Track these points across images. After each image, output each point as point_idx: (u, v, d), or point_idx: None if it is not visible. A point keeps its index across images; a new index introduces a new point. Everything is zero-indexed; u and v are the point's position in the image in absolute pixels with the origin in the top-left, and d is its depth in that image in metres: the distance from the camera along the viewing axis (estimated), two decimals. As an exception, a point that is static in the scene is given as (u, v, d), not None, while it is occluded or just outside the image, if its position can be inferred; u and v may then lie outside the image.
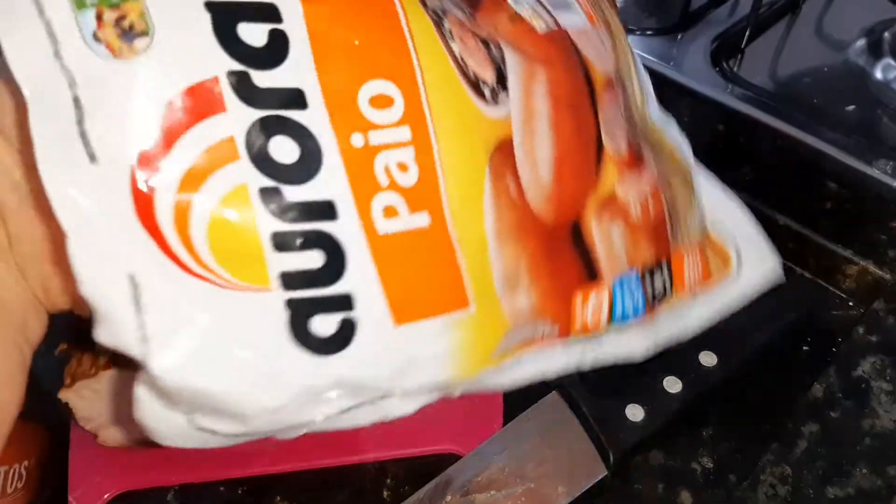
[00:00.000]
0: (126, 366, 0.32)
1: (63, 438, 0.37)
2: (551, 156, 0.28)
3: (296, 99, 0.24)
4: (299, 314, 0.24)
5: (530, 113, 0.28)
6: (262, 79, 0.23)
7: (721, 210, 0.35)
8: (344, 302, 0.25)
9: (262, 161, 0.23)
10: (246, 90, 0.23)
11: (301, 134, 0.24)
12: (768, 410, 0.38)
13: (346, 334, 0.25)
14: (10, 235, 0.23)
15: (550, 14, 0.30)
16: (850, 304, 0.43)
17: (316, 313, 0.24)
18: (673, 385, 0.37)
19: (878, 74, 0.57)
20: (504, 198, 0.27)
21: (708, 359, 0.38)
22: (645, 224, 0.31)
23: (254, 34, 0.24)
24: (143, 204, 0.22)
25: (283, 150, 0.24)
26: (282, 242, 0.24)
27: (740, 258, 0.34)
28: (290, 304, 0.24)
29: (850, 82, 0.57)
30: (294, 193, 0.24)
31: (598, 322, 0.30)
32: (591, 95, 0.30)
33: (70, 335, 0.34)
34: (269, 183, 0.23)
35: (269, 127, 0.23)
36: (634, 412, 0.36)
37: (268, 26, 0.24)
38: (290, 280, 0.24)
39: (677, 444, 0.37)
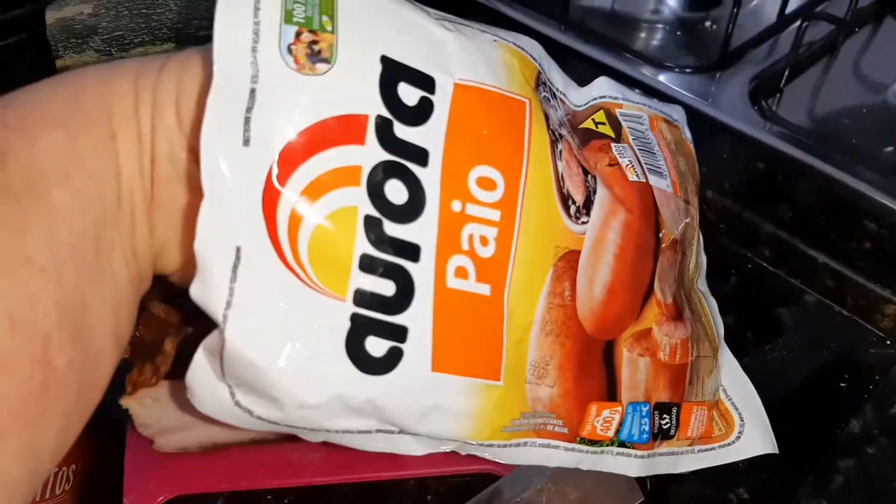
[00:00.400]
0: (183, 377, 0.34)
1: (108, 449, 0.39)
2: (607, 279, 0.32)
3: (421, 156, 0.28)
4: (359, 330, 0.27)
5: (602, 239, 0.32)
6: (402, 131, 0.27)
7: (737, 386, 0.39)
8: (400, 332, 0.28)
9: (376, 194, 0.27)
10: (385, 134, 0.27)
11: (414, 185, 0.28)
12: (805, 444, 0.39)
13: (391, 361, 0.28)
14: (154, 199, 0.26)
15: (644, 171, 0.35)
16: (888, 342, 0.44)
17: (373, 334, 0.27)
18: (708, 414, 0.38)
19: (917, 116, 0.58)
20: (558, 297, 0.31)
21: None
22: (668, 367, 0.35)
23: (409, 94, 0.27)
24: (271, 193, 0.25)
25: (396, 191, 0.27)
26: (367, 264, 0.27)
27: (742, 430, 0.37)
28: (355, 318, 0.27)
29: (887, 123, 0.58)
30: (392, 229, 0.27)
31: (605, 435, 0.34)
32: (656, 246, 0.35)
33: (133, 344, 0.36)
34: (375, 213, 0.27)
35: (392, 170, 0.27)
36: (671, 440, 0.37)
37: (422, 93, 0.28)
38: (363, 298, 0.27)
39: (714, 473, 0.38)
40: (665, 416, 0.35)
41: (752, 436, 0.37)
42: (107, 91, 0.25)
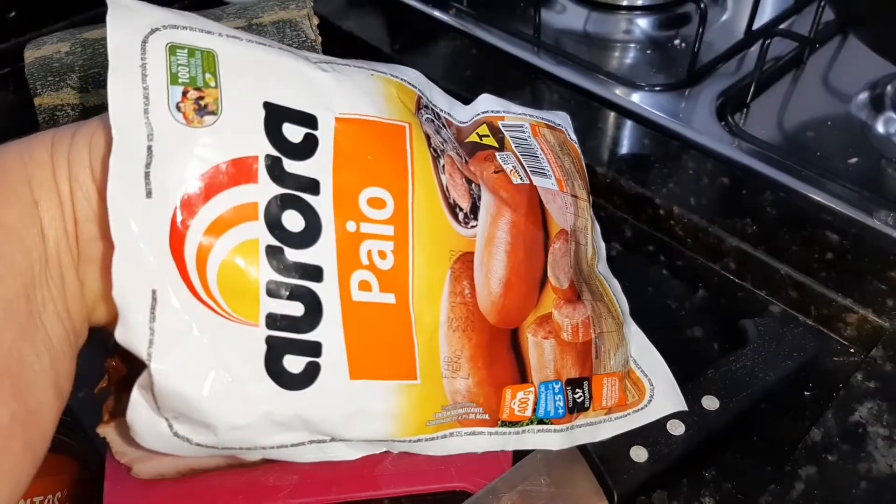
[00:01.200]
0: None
1: (93, 472, 0.39)
2: (502, 274, 0.36)
3: (312, 186, 0.30)
4: (275, 350, 0.30)
5: (492, 238, 0.36)
6: (291, 166, 0.30)
7: (646, 356, 0.43)
8: (314, 348, 0.30)
9: (275, 225, 0.29)
10: (276, 171, 0.30)
11: (309, 212, 0.30)
12: (768, 453, 0.40)
13: (310, 376, 0.30)
14: (80, 256, 0.28)
15: (527, 174, 0.39)
16: (851, 350, 0.45)
17: (289, 353, 0.30)
18: (676, 428, 0.39)
19: (880, 128, 0.60)
20: (459, 296, 0.34)
21: (710, 403, 0.40)
22: (573, 345, 0.38)
23: (293, 133, 0.30)
24: (176, 237, 0.28)
25: (293, 220, 0.30)
26: (274, 290, 0.29)
27: (653, 394, 0.40)
28: (270, 340, 0.29)
29: (852, 136, 0.59)
30: (293, 255, 0.30)
31: (523, 415, 0.37)
32: (545, 238, 0.38)
33: (109, 373, 0.37)
34: (275, 242, 0.29)
35: (286, 202, 0.30)
36: (639, 453, 0.38)
37: (305, 130, 0.31)
38: (274, 321, 0.29)
39: (680, 484, 0.38)
40: (577, 390, 0.38)
41: (662, 398, 0.40)
42: (26, 162, 0.28)
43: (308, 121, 0.31)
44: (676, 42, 0.70)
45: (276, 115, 0.30)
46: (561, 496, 0.37)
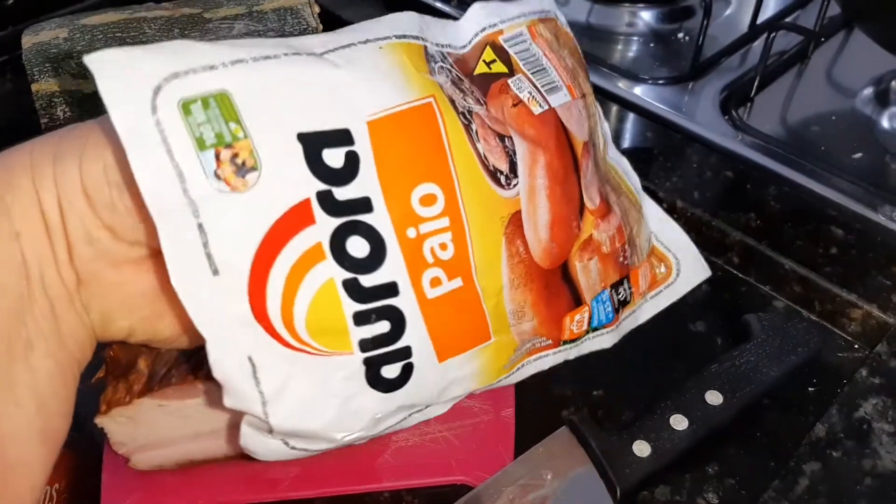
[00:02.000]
0: (158, 394, 0.35)
1: (90, 464, 0.39)
2: (548, 220, 0.36)
3: (365, 205, 0.30)
4: (373, 367, 0.31)
5: (533, 190, 0.36)
6: (341, 193, 0.30)
7: (662, 227, 0.45)
8: (405, 352, 0.32)
9: (343, 258, 0.30)
10: (330, 204, 0.29)
11: (370, 232, 0.30)
12: (772, 448, 0.39)
13: (405, 375, 0.32)
14: (80, 280, 0.27)
15: (543, 97, 0.38)
16: (856, 346, 0.45)
17: (385, 364, 0.32)
18: (680, 423, 0.38)
19: (885, 123, 0.59)
20: (515, 258, 0.35)
21: (714, 398, 0.39)
22: (612, 254, 0.40)
23: (334, 157, 0.30)
24: (257, 302, 0.28)
25: (357, 247, 0.30)
26: (361, 319, 0.30)
27: (679, 266, 0.43)
28: (367, 361, 0.31)
29: (857, 130, 0.59)
30: (367, 280, 0.30)
31: (581, 332, 0.40)
32: (575, 164, 0.38)
33: (107, 363, 0.36)
34: (348, 275, 0.30)
35: (346, 230, 0.30)
36: (641, 448, 0.38)
37: (344, 149, 0.30)
38: (367, 344, 0.31)
39: (683, 479, 0.38)
40: (620, 290, 0.41)
41: (688, 270, 0.42)
42: (3, 193, 0.25)
43: (343, 138, 0.30)
44: (680, 35, 0.70)
45: (313, 146, 0.29)
46: (563, 490, 0.37)
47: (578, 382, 0.43)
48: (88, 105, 0.48)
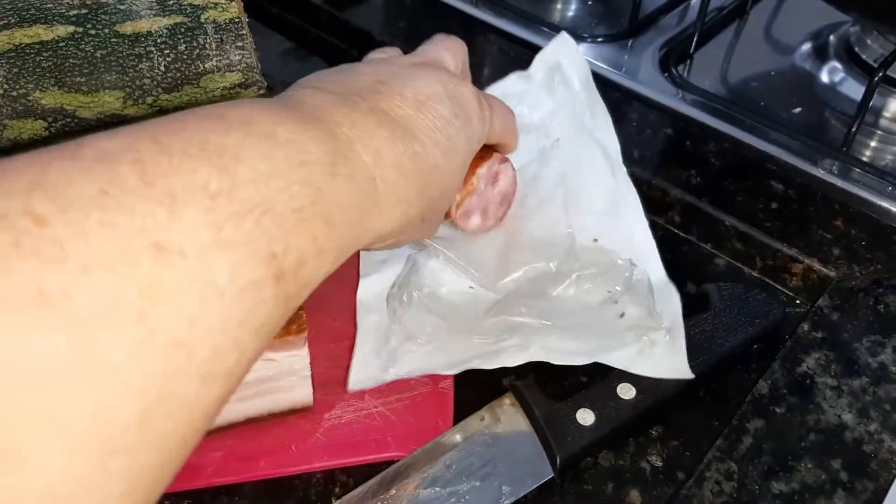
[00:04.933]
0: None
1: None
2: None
3: None
4: None
5: None
6: None
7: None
8: None
9: None
10: None
11: None
12: (715, 407, 0.38)
13: None
14: None
15: None
16: (797, 301, 0.44)
17: None
18: (627, 392, 0.37)
19: (825, 77, 0.59)
20: None
21: None
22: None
23: None
24: None
25: None
26: None
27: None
28: None
29: (796, 85, 0.58)
30: None
31: None
32: None
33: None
34: None
35: None
36: (585, 416, 0.36)
37: None
38: None
39: (626, 443, 0.37)
40: None
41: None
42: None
43: None
44: (619, -7, 0.68)
45: None
46: (503, 458, 0.35)
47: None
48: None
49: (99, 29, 0.39)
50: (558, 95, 0.49)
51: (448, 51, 0.38)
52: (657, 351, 0.38)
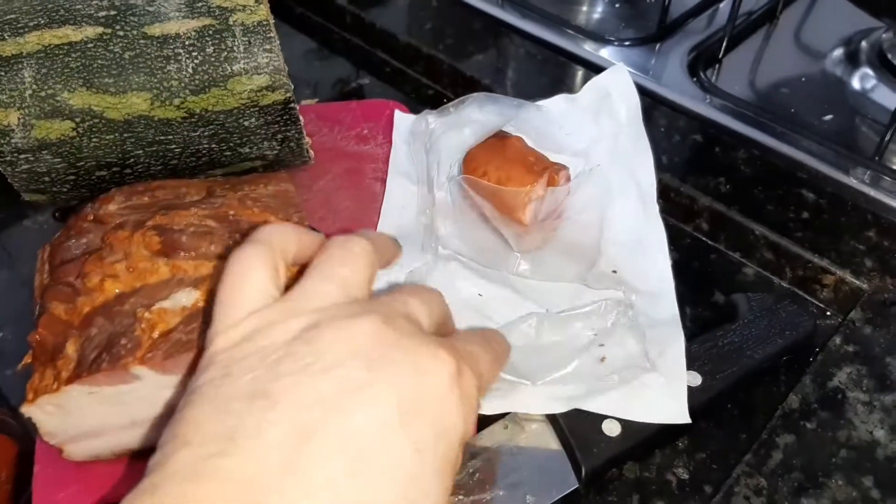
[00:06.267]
0: (88, 380, 0.32)
1: (32, 452, 0.36)
2: None
3: None
4: None
5: None
6: None
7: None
8: None
9: None
10: None
11: None
12: (743, 421, 0.38)
13: None
14: None
15: None
16: (828, 313, 0.43)
17: None
18: (654, 404, 0.37)
19: (856, 84, 0.58)
20: None
21: (693, 379, 0.37)
22: None
23: None
24: None
25: None
26: None
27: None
28: None
29: (827, 92, 0.57)
30: None
31: None
32: None
33: (33, 348, 0.33)
34: None
35: None
36: (611, 427, 0.36)
37: None
38: None
39: (652, 455, 0.36)
40: None
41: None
42: None
43: None
44: (646, -4, 0.68)
45: None
46: (527, 467, 0.35)
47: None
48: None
49: (127, 30, 0.39)
50: (603, 125, 0.48)
51: (423, 303, 0.27)
52: (651, 394, 0.37)
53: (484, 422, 0.37)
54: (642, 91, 0.56)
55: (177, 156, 0.42)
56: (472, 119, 0.47)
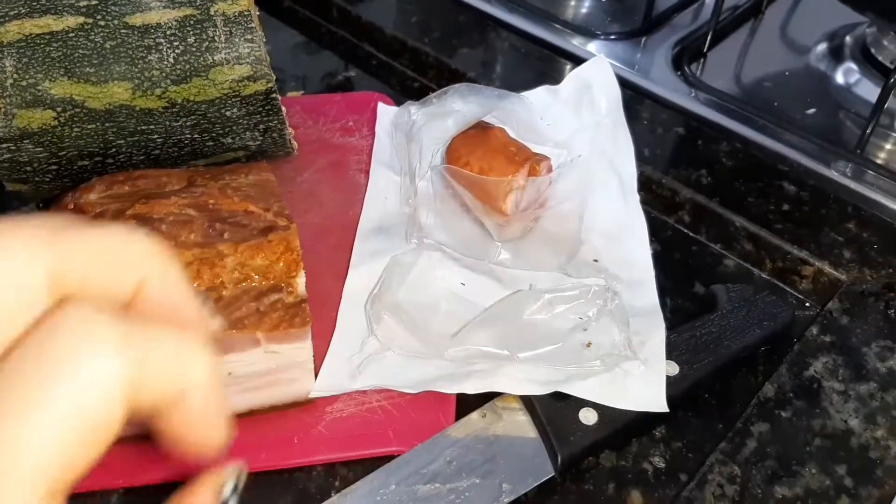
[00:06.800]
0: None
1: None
2: None
3: None
4: None
5: None
6: None
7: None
8: None
9: None
10: None
11: None
12: (720, 410, 0.38)
13: None
14: None
15: None
16: (807, 304, 0.43)
17: None
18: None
19: (839, 78, 0.58)
20: None
21: (670, 368, 0.37)
22: None
23: None
24: None
25: None
26: None
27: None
28: None
29: (811, 86, 0.58)
30: None
31: None
32: None
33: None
34: None
35: None
36: (588, 416, 0.36)
37: None
38: None
39: (630, 444, 0.37)
40: None
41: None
42: None
43: None
44: (633, -10, 0.68)
45: None
46: (504, 455, 0.35)
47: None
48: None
49: (109, 20, 0.39)
50: (583, 116, 0.49)
51: None
52: (630, 382, 0.37)
53: (462, 410, 0.37)
54: (627, 84, 0.56)
55: (159, 146, 0.42)
56: (455, 109, 0.47)
